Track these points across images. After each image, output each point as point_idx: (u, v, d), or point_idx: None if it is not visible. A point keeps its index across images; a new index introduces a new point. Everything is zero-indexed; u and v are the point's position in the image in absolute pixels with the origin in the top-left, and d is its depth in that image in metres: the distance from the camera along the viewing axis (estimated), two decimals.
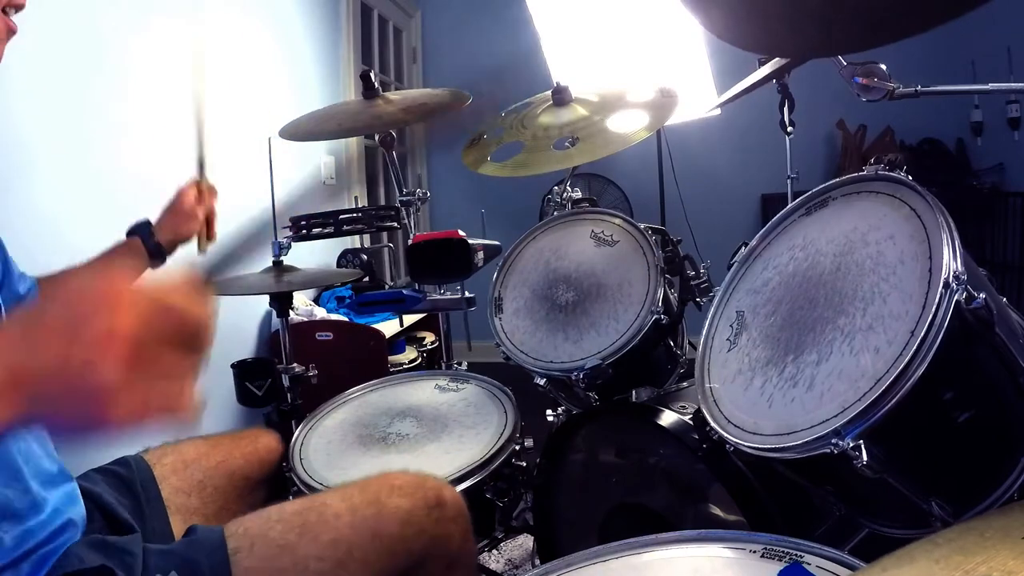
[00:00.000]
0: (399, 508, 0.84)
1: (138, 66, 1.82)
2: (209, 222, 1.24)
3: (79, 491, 0.86)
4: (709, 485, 1.06)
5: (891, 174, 0.82)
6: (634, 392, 1.17)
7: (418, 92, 1.72)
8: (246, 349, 2.27)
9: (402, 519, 0.83)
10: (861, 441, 0.67)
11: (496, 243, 1.52)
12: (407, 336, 2.68)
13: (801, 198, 0.94)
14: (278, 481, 1.17)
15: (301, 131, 1.52)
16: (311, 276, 1.61)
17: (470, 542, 0.95)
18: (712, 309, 0.98)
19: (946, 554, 0.36)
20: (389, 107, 1.48)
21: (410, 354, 2.60)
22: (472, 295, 1.58)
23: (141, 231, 1.17)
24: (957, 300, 0.66)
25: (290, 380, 1.51)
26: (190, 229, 1.20)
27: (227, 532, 0.80)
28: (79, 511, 0.83)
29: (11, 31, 0.76)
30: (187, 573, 0.75)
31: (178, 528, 0.97)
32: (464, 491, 1.08)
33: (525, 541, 1.67)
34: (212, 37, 2.15)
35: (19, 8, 0.77)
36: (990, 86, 1.10)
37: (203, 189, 1.24)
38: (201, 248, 1.24)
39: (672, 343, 1.33)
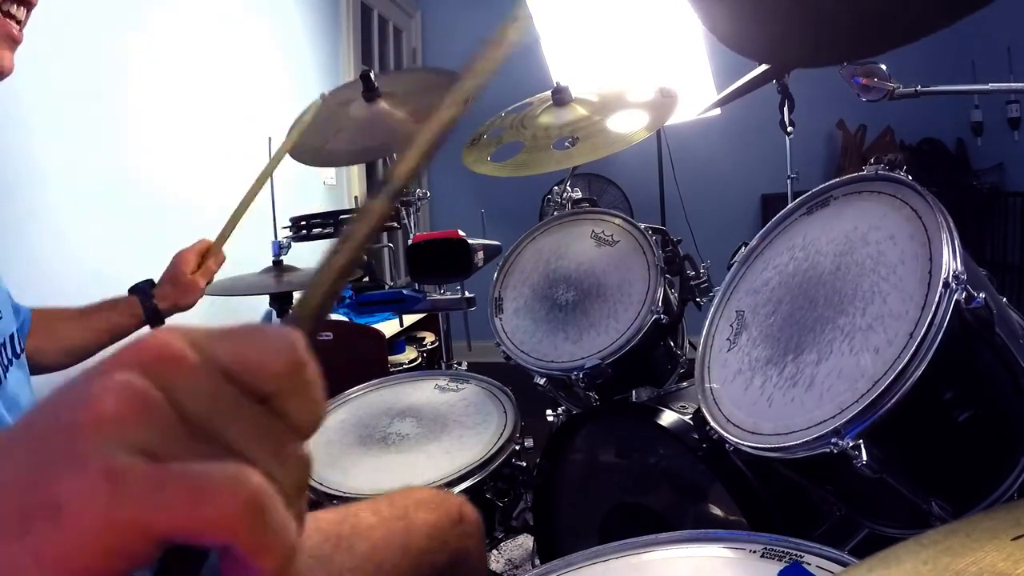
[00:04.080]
0: (426, 522, 0.86)
1: (141, 68, 1.82)
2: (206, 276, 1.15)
3: None
4: (709, 485, 1.07)
5: (891, 174, 0.82)
6: (634, 392, 1.17)
7: (414, 78, 1.69)
8: None
9: (428, 533, 0.85)
10: (861, 441, 0.67)
11: (496, 243, 1.52)
12: (407, 336, 2.68)
13: (801, 198, 0.94)
14: None
15: (309, 150, 1.49)
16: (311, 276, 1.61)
17: (484, 559, 0.97)
18: (712, 309, 0.98)
19: (933, 555, 0.36)
20: (396, 112, 1.47)
21: (410, 354, 2.60)
22: (472, 295, 1.58)
23: (142, 292, 1.11)
24: (957, 300, 0.66)
25: None
26: (190, 300, 1.13)
27: None
28: None
29: (14, 39, 0.70)
30: None
31: None
32: (464, 491, 1.08)
33: (525, 541, 1.67)
34: (212, 36, 2.15)
35: (27, 4, 0.70)
36: (990, 86, 1.10)
37: (210, 254, 1.15)
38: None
39: (672, 343, 1.33)
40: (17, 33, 0.71)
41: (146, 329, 1.10)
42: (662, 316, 1.15)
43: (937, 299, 0.66)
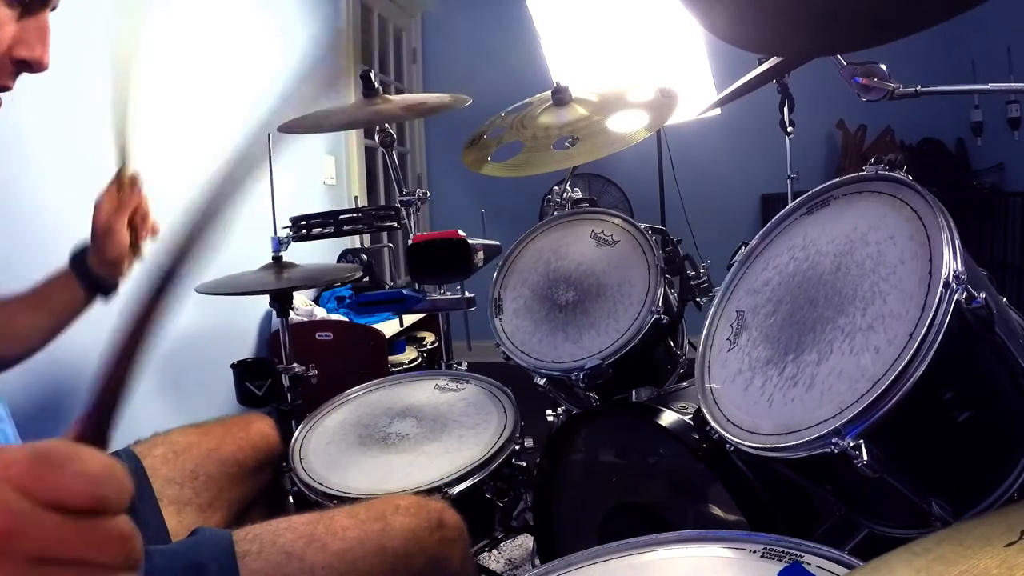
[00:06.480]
0: (403, 526, 0.86)
1: (141, 66, 1.82)
2: (137, 226, 0.98)
3: None
4: (709, 485, 1.07)
5: (891, 174, 0.82)
6: (634, 392, 1.17)
7: (418, 96, 1.72)
8: (246, 349, 2.27)
9: (406, 536, 0.85)
10: (861, 441, 0.67)
11: (496, 243, 1.52)
12: (407, 336, 2.68)
13: (802, 198, 0.94)
14: (277, 472, 1.17)
15: (298, 126, 1.52)
16: (311, 273, 1.61)
17: (469, 564, 0.97)
18: (712, 309, 0.98)
19: (926, 564, 0.35)
20: (389, 105, 1.48)
21: (410, 354, 2.60)
22: (472, 295, 1.58)
23: (77, 259, 0.99)
24: (957, 300, 0.66)
25: (290, 380, 1.51)
26: (113, 250, 0.96)
27: (235, 537, 0.81)
28: None
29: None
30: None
31: (171, 520, 0.96)
32: (464, 491, 1.08)
33: (525, 541, 1.67)
34: (212, 36, 2.15)
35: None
36: (990, 86, 1.10)
37: (123, 186, 0.97)
38: (130, 262, 0.98)
39: (672, 343, 1.33)
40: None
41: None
42: (662, 316, 1.14)
43: (937, 299, 0.66)
